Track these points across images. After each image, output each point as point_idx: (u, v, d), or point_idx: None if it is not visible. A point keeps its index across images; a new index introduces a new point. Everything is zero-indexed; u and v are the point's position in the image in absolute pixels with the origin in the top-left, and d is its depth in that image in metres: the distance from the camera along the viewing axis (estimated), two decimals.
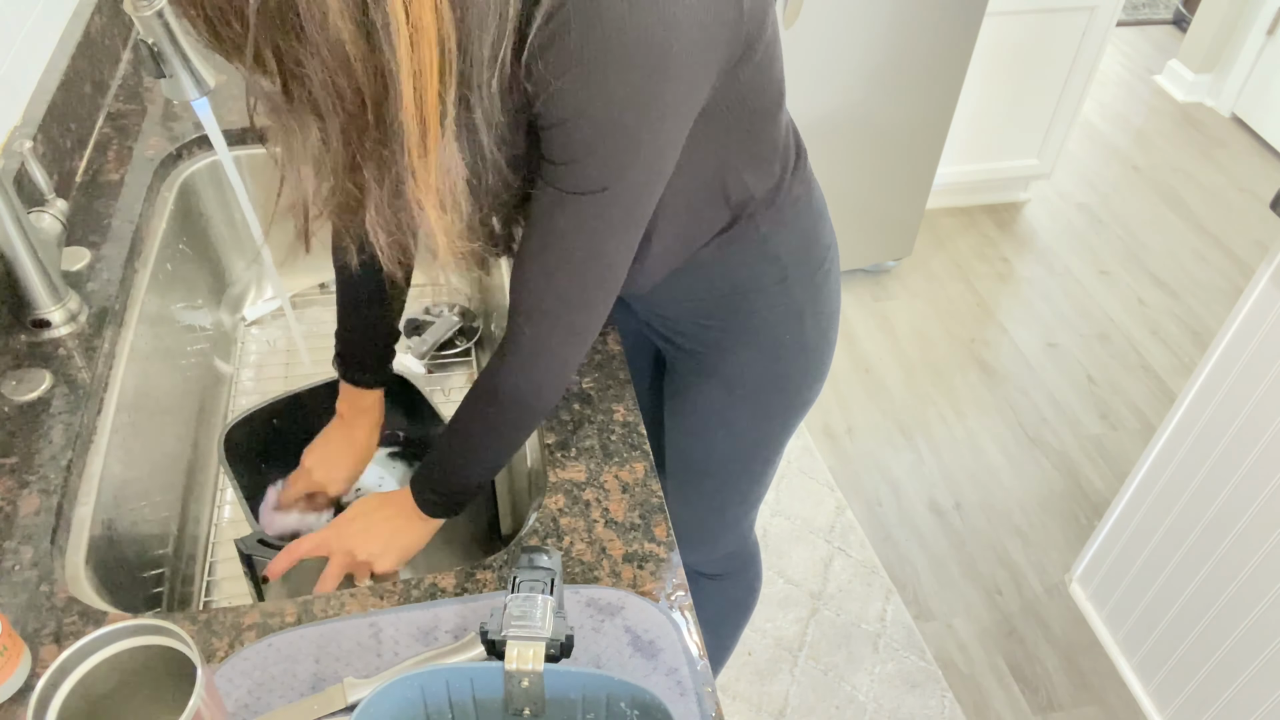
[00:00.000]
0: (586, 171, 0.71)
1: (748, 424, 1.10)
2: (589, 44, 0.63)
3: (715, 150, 0.83)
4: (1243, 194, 3.07)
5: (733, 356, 1.04)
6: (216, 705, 0.65)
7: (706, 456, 1.14)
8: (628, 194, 0.73)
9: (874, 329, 2.55)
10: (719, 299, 0.99)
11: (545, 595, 0.68)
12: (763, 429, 1.11)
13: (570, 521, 0.89)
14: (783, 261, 0.97)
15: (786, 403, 1.09)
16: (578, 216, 0.73)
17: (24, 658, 0.76)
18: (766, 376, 1.05)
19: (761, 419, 1.09)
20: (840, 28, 2.06)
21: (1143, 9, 3.98)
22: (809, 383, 1.08)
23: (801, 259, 0.98)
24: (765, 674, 1.81)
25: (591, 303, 0.80)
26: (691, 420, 1.12)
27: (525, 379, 0.83)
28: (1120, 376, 2.46)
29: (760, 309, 0.99)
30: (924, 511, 2.13)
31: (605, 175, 0.71)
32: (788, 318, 1.01)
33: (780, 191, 0.93)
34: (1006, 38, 2.46)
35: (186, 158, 1.32)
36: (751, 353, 1.03)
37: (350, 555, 0.91)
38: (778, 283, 0.98)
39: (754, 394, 1.06)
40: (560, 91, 0.66)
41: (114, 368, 1.04)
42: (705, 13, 0.67)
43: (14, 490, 0.89)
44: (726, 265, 0.95)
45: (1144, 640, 1.76)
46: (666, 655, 0.79)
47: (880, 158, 2.35)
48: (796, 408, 1.10)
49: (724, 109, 0.79)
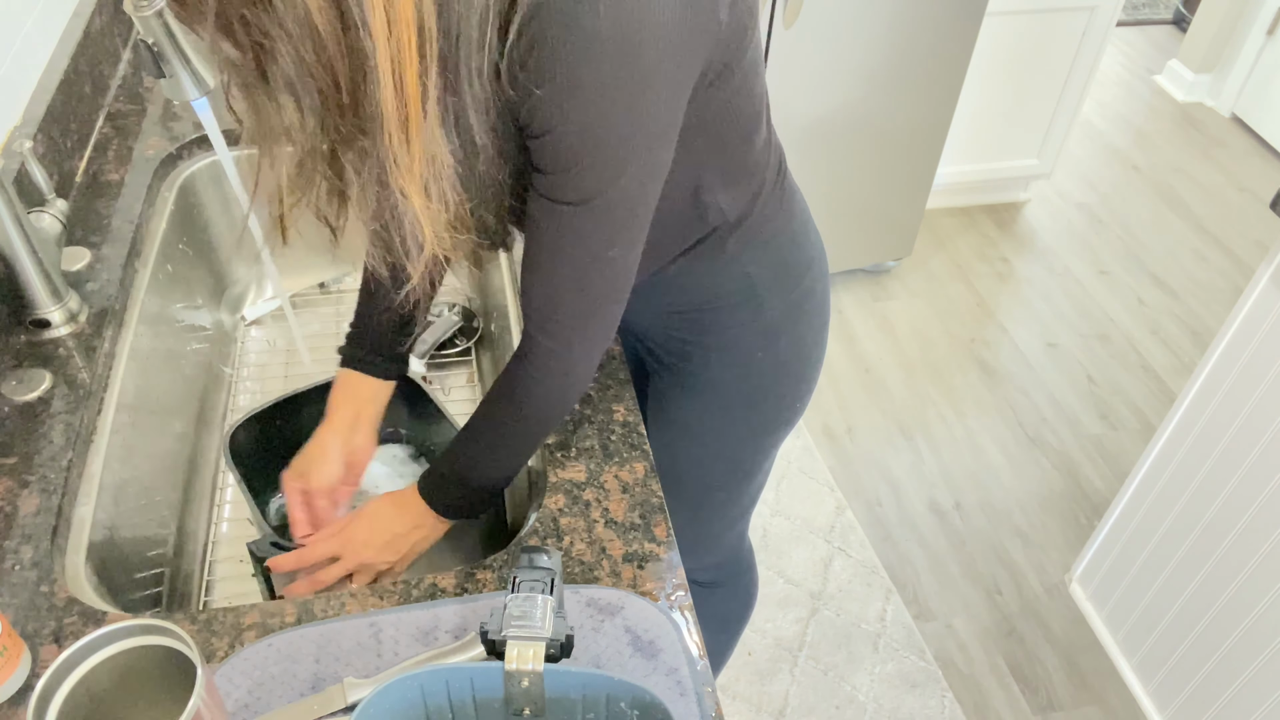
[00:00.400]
0: (577, 182, 0.70)
1: (721, 439, 1.08)
2: (564, 55, 0.63)
3: (689, 168, 0.82)
4: (1243, 194, 3.07)
5: (706, 371, 1.03)
6: (216, 705, 0.65)
7: (686, 470, 1.12)
8: (622, 201, 0.72)
9: (874, 329, 2.55)
10: (689, 313, 0.98)
11: (545, 595, 0.68)
12: (738, 445, 1.09)
13: (570, 521, 0.89)
14: (753, 279, 0.95)
15: (762, 420, 1.07)
16: (575, 227, 0.73)
17: (24, 658, 0.76)
18: (739, 393, 1.04)
19: (736, 435, 1.08)
20: (840, 28, 2.06)
21: (1143, 9, 3.98)
22: (787, 402, 1.07)
23: (776, 277, 0.97)
24: (765, 674, 1.81)
25: (601, 309, 0.80)
26: (667, 432, 1.11)
27: (543, 387, 0.83)
28: (1120, 376, 2.46)
29: (731, 325, 0.98)
30: (924, 511, 2.13)
31: (597, 183, 0.70)
32: (761, 335, 0.99)
33: (753, 213, 0.92)
34: (1006, 38, 2.46)
35: (186, 158, 1.32)
36: (724, 369, 1.02)
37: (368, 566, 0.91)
38: (748, 300, 0.97)
39: (727, 409, 1.05)
40: (542, 101, 0.65)
41: (114, 368, 1.04)
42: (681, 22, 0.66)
43: (14, 490, 0.89)
44: (695, 279, 0.95)
45: (1144, 640, 1.76)
46: (666, 655, 0.79)
47: (880, 158, 2.35)
48: (774, 426, 1.08)
49: (700, 128, 0.78)
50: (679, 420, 1.09)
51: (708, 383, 1.04)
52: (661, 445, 1.12)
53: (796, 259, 0.98)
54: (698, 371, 1.03)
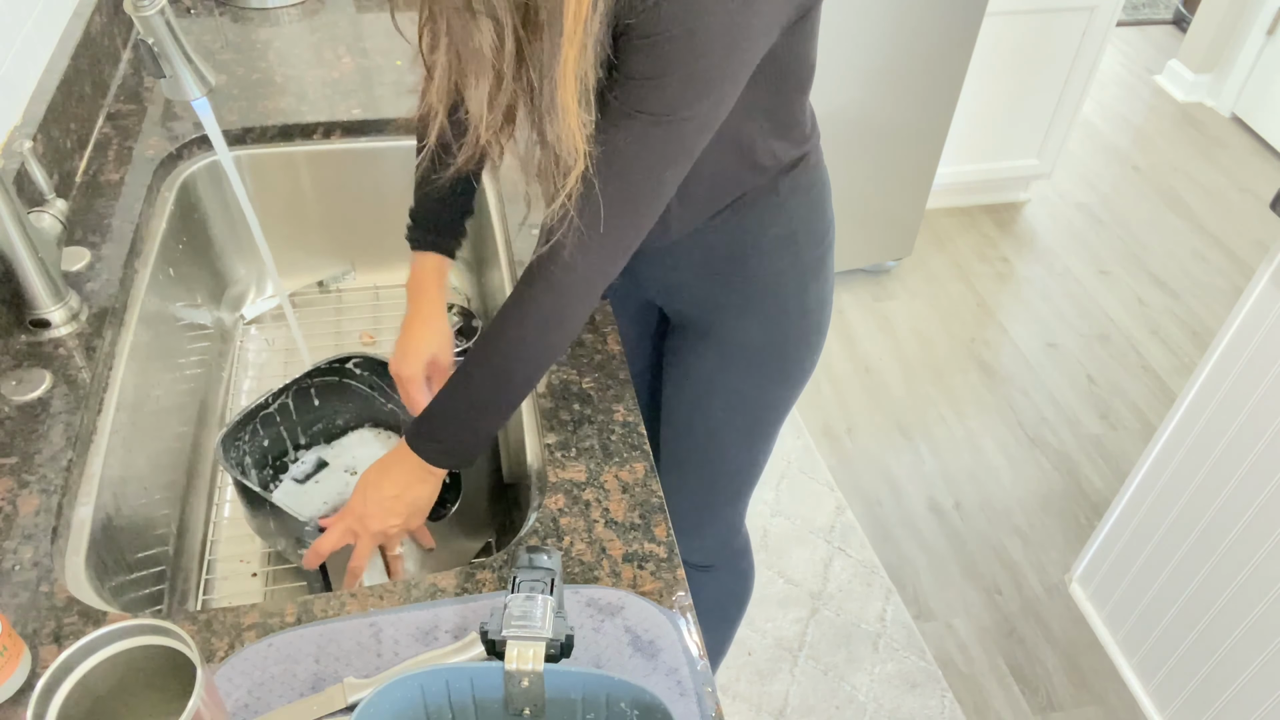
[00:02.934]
0: (664, 91, 0.73)
1: (744, 391, 1.11)
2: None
3: (750, 112, 0.86)
4: (1243, 194, 3.07)
5: (734, 321, 1.06)
6: (216, 705, 0.65)
7: (701, 424, 1.14)
8: (694, 123, 0.75)
9: (874, 329, 2.55)
10: (731, 260, 1.01)
11: (545, 595, 0.68)
12: (759, 397, 1.12)
13: (570, 521, 0.89)
14: (795, 225, 1.00)
15: (784, 370, 1.10)
16: (645, 139, 0.75)
17: (24, 658, 0.76)
18: (766, 341, 1.06)
19: (758, 386, 1.11)
20: (840, 28, 2.06)
21: (1143, 9, 3.98)
22: (807, 351, 1.10)
23: (812, 229, 1.02)
24: (765, 674, 1.81)
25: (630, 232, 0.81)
26: (688, 387, 1.13)
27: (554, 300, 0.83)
28: (1120, 376, 2.46)
29: (768, 274, 1.02)
30: (924, 511, 2.13)
31: (682, 98, 0.73)
32: (794, 283, 1.03)
33: (801, 162, 0.97)
34: (1006, 38, 2.46)
35: (186, 158, 1.32)
36: (753, 317, 1.05)
37: (379, 535, 0.92)
38: (788, 249, 1.01)
39: (753, 359, 1.08)
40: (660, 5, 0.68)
41: (114, 368, 1.04)
42: None
43: (14, 490, 0.89)
44: (744, 228, 0.98)
45: (1144, 640, 1.76)
46: (666, 655, 0.79)
47: (880, 158, 2.35)
48: (794, 377, 1.11)
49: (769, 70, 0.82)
50: (703, 374, 1.11)
51: (736, 336, 1.06)
52: (681, 403, 1.15)
53: (825, 213, 1.04)
54: (727, 322, 1.06)
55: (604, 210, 0.78)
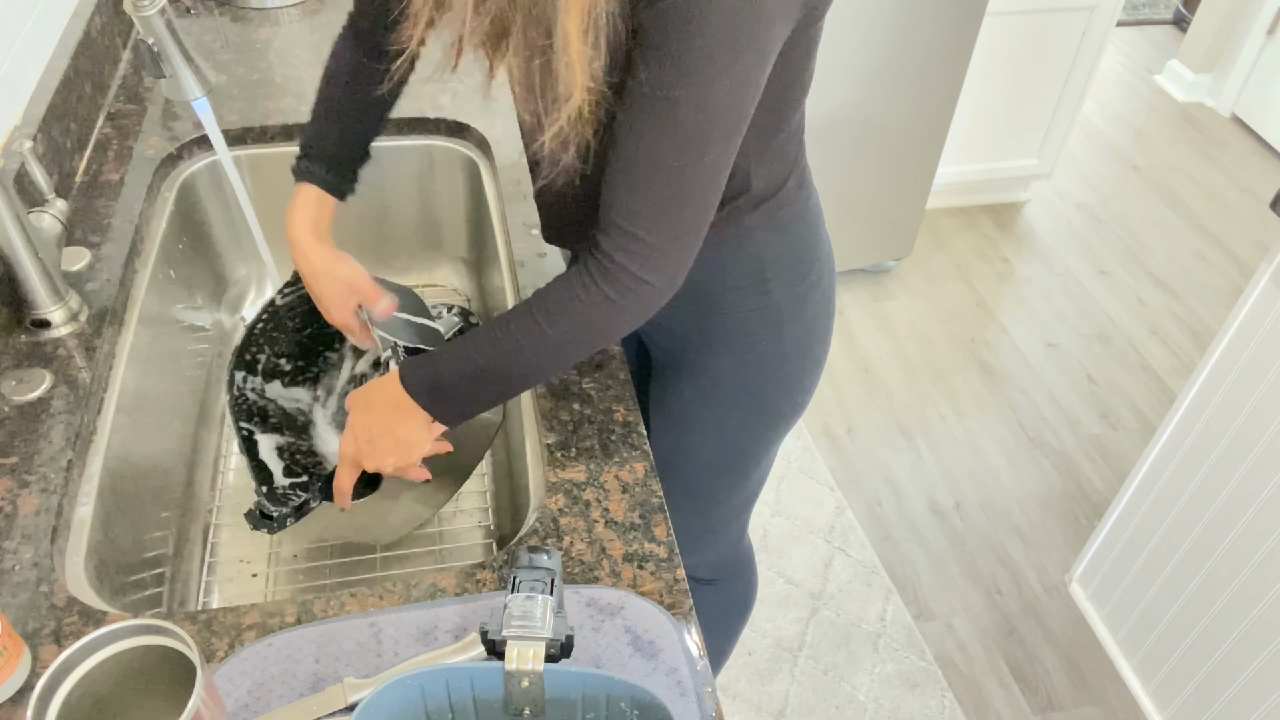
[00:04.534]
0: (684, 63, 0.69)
1: (723, 428, 1.08)
2: None
3: None
4: (1243, 194, 3.07)
5: (708, 358, 1.03)
6: (216, 705, 0.65)
7: (685, 458, 1.12)
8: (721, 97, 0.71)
9: (874, 329, 2.55)
10: (702, 295, 0.97)
11: (545, 595, 0.68)
12: (738, 435, 1.09)
13: (570, 521, 0.89)
14: (763, 262, 0.95)
15: (762, 413, 1.07)
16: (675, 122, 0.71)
17: (24, 658, 0.76)
18: (740, 383, 1.03)
19: (736, 425, 1.08)
20: (840, 28, 2.06)
21: (1143, 9, 3.98)
22: (788, 397, 1.06)
23: (785, 264, 0.96)
24: (765, 674, 1.81)
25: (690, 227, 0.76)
26: (669, 420, 1.11)
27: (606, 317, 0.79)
28: (1120, 376, 2.46)
29: (736, 310, 0.98)
30: (924, 511, 2.13)
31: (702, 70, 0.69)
32: (765, 324, 0.99)
33: (775, 194, 0.92)
34: (1006, 38, 2.46)
35: (186, 158, 1.32)
36: (726, 358, 1.02)
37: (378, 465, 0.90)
38: (756, 285, 0.96)
39: (728, 399, 1.05)
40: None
41: (114, 368, 1.04)
42: None
43: (14, 490, 0.89)
44: (712, 260, 0.93)
45: (1144, 640, 1.76)
46: (666, 655, 0.79)
47: (880, 158, 2.35)
48: (774, 419, 1.08)
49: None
50: (682, 409, 1.09)
51: (709, 372, 1.03)
52: (663, 435, 1.12)
53: (806, 250, 0.98)
54: (699, 360, 1.03)
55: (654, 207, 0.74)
